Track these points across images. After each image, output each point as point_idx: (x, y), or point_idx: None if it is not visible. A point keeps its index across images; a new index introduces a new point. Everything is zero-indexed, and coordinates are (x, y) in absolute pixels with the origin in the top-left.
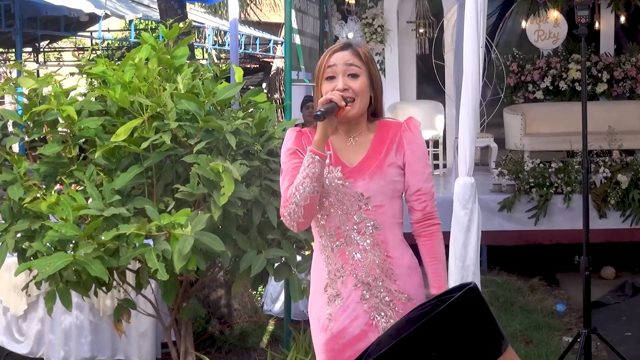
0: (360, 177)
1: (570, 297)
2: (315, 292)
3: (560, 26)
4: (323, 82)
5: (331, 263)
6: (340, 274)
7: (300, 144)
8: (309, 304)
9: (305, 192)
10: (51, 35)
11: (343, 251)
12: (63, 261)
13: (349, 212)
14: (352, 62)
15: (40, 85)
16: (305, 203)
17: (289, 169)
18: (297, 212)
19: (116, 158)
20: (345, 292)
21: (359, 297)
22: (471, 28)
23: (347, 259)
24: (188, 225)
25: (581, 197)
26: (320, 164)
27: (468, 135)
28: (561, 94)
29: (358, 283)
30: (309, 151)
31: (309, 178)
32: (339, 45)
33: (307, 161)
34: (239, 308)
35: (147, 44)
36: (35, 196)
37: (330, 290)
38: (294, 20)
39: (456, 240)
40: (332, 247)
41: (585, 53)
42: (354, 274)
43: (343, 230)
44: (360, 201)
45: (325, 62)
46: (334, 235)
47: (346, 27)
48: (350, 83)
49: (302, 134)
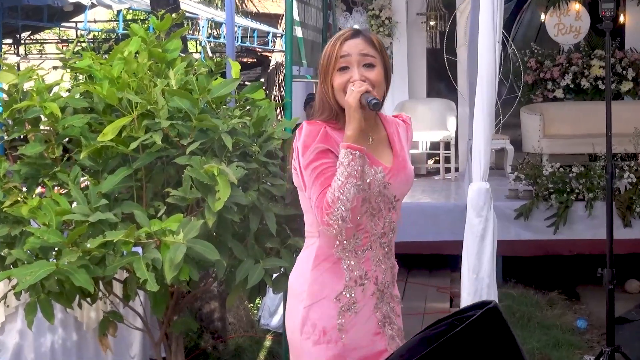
0: (398, 178)
1: (592, 313)
2: (322, 301)
3: (582, 19)
4: (335, 74)
5: (354, 269)
6: (362, 281)
7: (330, 142)
8: (303, 311)
9: (351, 194)
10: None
11: (368, 256)
12: (45, 270)
13: (380, 215)
14: (367, 52)
15: (21, 80)
16: (352, 205)
17: (320, 169)
18: (346, 216)
19: (103, 159)
20: (363, 300)
21: (373, 306)
22: (487, 21)
23: (371, 265)
24: (180, 232)
25: (604, 204)
26: (362, 160)
27: (483, 136)
28: (583, 93)
29: (376, 291)
30: (345, 148)
31: (352, 177)
32: (348, 33)
33: (346, 158)
34: (234, 322)
35: (137, 36)
36: (16, 200)
37: (345, 299)
38: (296, 12)
39: (469, 251)
40: (356, 252)
41: (609, 49)
42: (375, 281)
43: (371, 234)
44: (391, 203)
45: (337, 52)
46: (361, 240)
47: (351, 19)
48: (367, 74)
49: (327, 131)
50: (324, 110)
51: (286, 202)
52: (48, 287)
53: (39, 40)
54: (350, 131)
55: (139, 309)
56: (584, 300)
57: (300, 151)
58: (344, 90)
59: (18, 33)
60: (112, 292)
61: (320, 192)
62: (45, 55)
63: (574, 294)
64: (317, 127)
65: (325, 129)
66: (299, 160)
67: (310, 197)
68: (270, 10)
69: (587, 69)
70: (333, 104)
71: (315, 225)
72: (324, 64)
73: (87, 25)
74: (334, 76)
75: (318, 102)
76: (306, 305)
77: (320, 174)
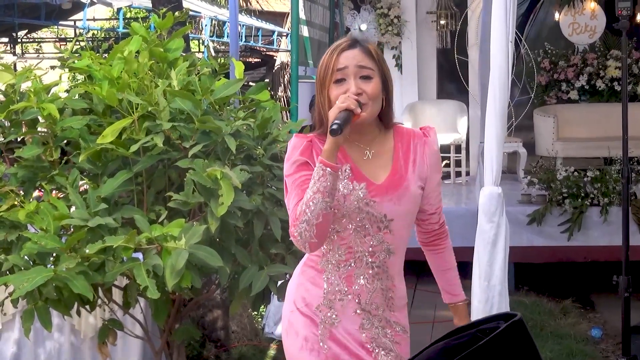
0: (387, 196)
1: (607, 322)
2: (304, 308)
3: (597, 18)
4: (331, 86)
5: (332, 282)
6: (341, 297)
7: (309, 154)
8: (289, 316)
9: (317, 209)
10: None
11: (350, 273)
12: (42, 276)
13: (367, 233)
14: (364, 64)
15: (19, 80)
16: (317, 221)
17: (297, 182)
18: (309, 231)
19: (102, 162)
20: (344, 316)
21: (358, 325)
22: (499, 20)
23: (352, 283)
24: (182, 237)
25: (620, 209)
26: (332, 177)
27: (495, 140)
28: (598, 94)
29: (359, 310)
30: (318, 162)
31: (320, 193)
32: (345, 43)
33: (317, 174)
34: (238, 330)
35: (138, 35)
36: (13, 204)
37: (325, 310)
38: (302, 10)
39: (481, 257)
40: (339, 266)
41: (626, 49)
42: (357, 300)
43: (356, 251)
44: (382, 223)
45: (333, 64)
46: (344, 255)
47: (359, 18)
48: (364, 86)
49: (312, 143)
50: (322, 123)
51: None
52: (46, 294)
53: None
54: (327, 145)
55: (139, 317)
56: (599, 308)
57: (285, 162)
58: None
59: (14, 31)
60: (111, 299)
61: (295, 205)
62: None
63: (589, 302)
64: (302, 140)
65: (309, 143)
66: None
67: (288, 208)
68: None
69: (602, 70)
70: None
71: None
72: (320, 76)
73: (86, 23)
74: (331, 88)
75: (317, 114)
76: (291, 311)
77: (297, 186)
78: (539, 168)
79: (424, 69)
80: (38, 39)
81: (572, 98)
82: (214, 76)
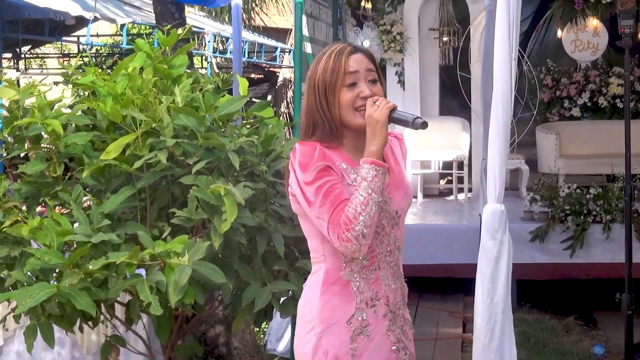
0: (397, 193)
1: (609, 339)
2: (333, 327)
3: (600, 36)
4: (341, 90)
5: (364, 291)
6: (373, 303)
7: (328, 159)
8: (314, 338)
9: (373, 209)
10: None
11: (377, 276)
12: (45, 292)
13: (384, 232)
14: (371, 67)
15: (23, 96)
16: (374, 221)
17: (326, 188)
18: (366, 233)
19: (106, 178)
20: (375, 322)
21: (386, 328)
22: (502, 37)
23: (381, 285)
24: (185, 254)
25: (623, 226)
26: (384, 176)
27: (498, 157)
28: (601, 112)
29: (388, 312)
30: (369, 163)
31: (375, 193)
32: (349, 47)
33: (370, 174)
34: (240, 347)
35: (142, 51)
36: (16, 219)
37: (357, 322)
38: (305, 27)
39: (483, 274)
40: (366, 272)
41: (629, 66)
42: (387, 302)
43: (378, 252)
44: (394, 219)
45: (344, 68)
46: (368, 259)
47: (362, 35)
48: (373, 89)
49: (322, 148)
50: (316, 129)
51: (295, 224)
52: (48, 310)
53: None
54: (375, 146)
55: (142, 333)
56: (602, 326)
57: (299, 172)
58: (353, 106)
59: (18, 47)
60: (114, 315)
61: (334, 210)
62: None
63: (591, 320)
64: (312, 145)
65: (320, 147)
66: (298, 182)
67: (320, 217)
68: (278, 25)
69: (605, 87)
70: (336, 121)
71: (320, 250)
72: (327, 80)
73: (89, 39)
74: (342, 92)
75: (308, 121)
76: (317, 332)
77: (328, 192)
78: (542, 185)
79: (427, 85)
80: (41, 54)
81: (574, 115)
82: (218, 93)
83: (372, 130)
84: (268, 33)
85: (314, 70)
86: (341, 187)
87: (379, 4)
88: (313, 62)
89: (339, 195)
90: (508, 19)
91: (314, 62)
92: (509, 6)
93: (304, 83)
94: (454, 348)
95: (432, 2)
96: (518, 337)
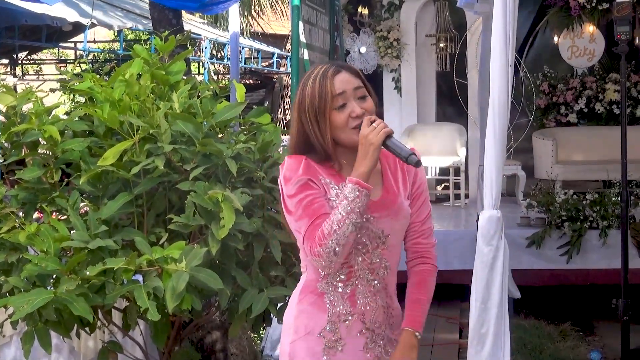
0: (385, 212)
1: (606, 345)
2: (307, 336)
3: (596, 42)
4: (332, 113)
5: (336, 305)
6: (345, 318)
7: (312, 173)
8: (289, 346)
9: (349, 229)
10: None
11: (353, 293)
12: (43, 298)
13: (367, 251)
14: (357, 84)
15: (20, 102)
16: (347, 241)
17: (305, 202)
18: (340, 251)
19: (103, 184)
20: (349, 338)
21: (362, 346)
22: (499, 43)
23: (356, 302)
24: (182, 260)
25: (619, 232)
26: (366, 198)
27: (494, 163)
28: (597, 118)
29: (364, 330)
30: (353, 183)
31: (354, 213)
32: (332, 68)
33: (352, 194)
34: (237, 353)
35: (139, 57)
36: (13, 225)
37: (329, 335)
38: (302, 33)
39: (479, 280)
40: (341, 287)
41: (625, 72)
42: (362, 320)
43: (357, 270)
44: (380, 239)
45: (330, 90)
46: (346, 275)
47: (358, 41)
48: (363, 106)
49: (309, 162)
50: (311, 150)
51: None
52: (45, 316)
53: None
54: (364, 168)
55: (139, 339)
56: (598, 332)
57: (283, 184)
58: (348, 126)
59: (15, 53)
60: (111, 321)
61: (311, 224)
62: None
63: (588, 326)
64: (298, 159)
65: (306, 160)
66: (282, 194)
67: (298, 230)
68: (275, 31)
69: (601, 93)
70: (328, 142)
71: (304, 260)
72: (316, 104)
73: (86, 45)
74: (333, 115)
75: (299, 142)
76: (292, 340)
77: (307, 206)
78: (538, 191)
79: (423, 91)
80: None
81: (571, 121)
82: (215, 99)
83: (365, 151)
84: (265, 39)
85: (301, 97)
86: (322, 201)
87: (376, 10)
88: (299, 88)
89: (318, 210)
90: (505, 26)
91: (299, 87)
92: (506, 13)
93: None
94: (450, 354)
95: (429, 9)
96: (514, 343)
